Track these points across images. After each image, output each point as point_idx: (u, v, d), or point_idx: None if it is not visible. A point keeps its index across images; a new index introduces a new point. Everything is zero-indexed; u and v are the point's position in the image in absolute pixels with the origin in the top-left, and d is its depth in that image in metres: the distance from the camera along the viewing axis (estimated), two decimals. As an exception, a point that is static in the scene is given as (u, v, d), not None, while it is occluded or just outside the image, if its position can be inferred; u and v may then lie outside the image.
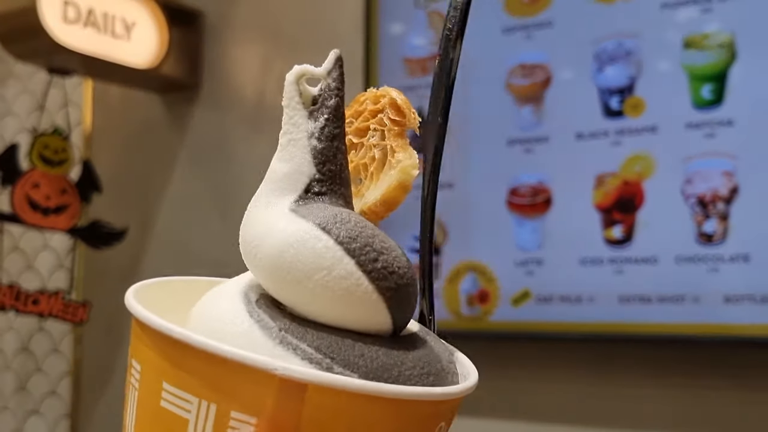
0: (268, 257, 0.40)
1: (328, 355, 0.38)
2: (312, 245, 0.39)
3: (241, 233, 0.42)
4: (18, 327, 2.52)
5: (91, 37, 2.05)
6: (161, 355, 0.39)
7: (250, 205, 0.43)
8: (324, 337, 0.38)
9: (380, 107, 0.48)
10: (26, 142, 2.18)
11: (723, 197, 1.56)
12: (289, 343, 0.38)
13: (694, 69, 1.61)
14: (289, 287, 0.40)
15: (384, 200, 0.44)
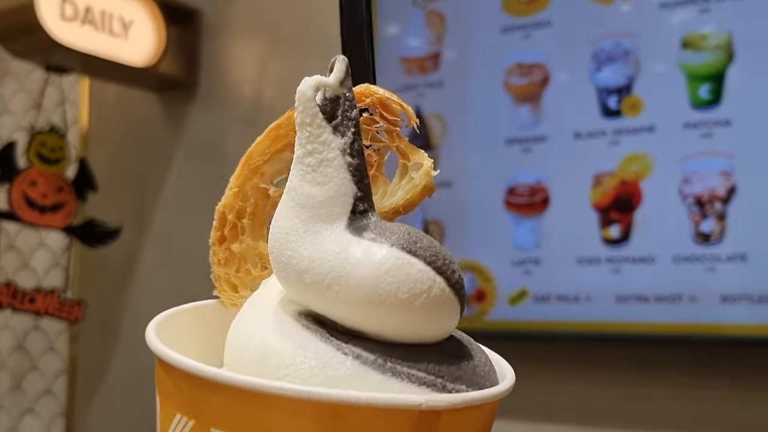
0: (359, 289, 0.37)
1: (438, 375, 0.38)
2: (407, 271, 0.38)
3: (284, 272, 0.39)
4: (13, 325, 2.51)
5: (89, 35, 2.04)
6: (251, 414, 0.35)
7: (282, 239, 0.39)
8: (421, 357, 0.38)
9: (365, 106, 0.45)
10: (23, 140, 2.18)
11: (720, 197, 1.57)
12: (400, 373, 0.37)
13: (691, 69, 1.61)
14: (381, 315, 0.38)
15: (407, 204, 0.45)
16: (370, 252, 0.38)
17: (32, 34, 1.95)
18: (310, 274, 0.38)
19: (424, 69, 1.87)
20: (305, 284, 0.38)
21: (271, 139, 0.45)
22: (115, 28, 2.11)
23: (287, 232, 0.39)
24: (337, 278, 0.38)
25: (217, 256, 0.46)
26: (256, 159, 0.46)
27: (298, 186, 0.40)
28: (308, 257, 0.38)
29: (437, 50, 1.87)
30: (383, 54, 1.92)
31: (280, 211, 0.40)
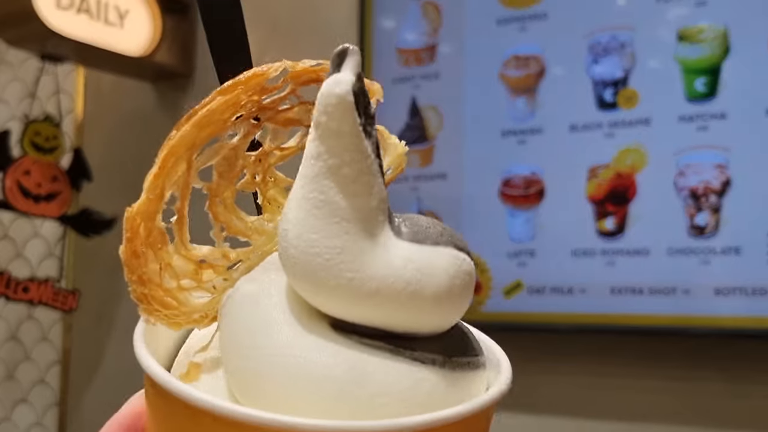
0: (437, 297, 0.37)
1: (481, 353, 0.41)
2: (465, 268, 0.38)
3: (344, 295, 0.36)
4: (6, 315, 2.51)
5: (84, 24, 2.04)
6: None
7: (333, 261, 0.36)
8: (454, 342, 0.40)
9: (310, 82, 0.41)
10: (17, 129, 2.17)
11: (715, 190, 1.57)
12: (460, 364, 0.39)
13: (687, 62, 1.61)
14: (448, 314, 0.38)
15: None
16: (435, 256, 0.37)
17: (27, 22, 1.94)
18: (385, 292, 0.36)
19: (420, 61, 1.87)
20: (374, 303, 0.36)
21: (199, 127, 0.39)
22: (110, 17, 2.10)
23: (339, 253, 0.36)
24: (416, 291, 0.36)
25: (135, 273, 0.39)
26: (182, 153, 0.40)
27: (338, 200, 0.36)
28: (378, 276, 0.36)
29: (433, 42, 1.87)
30: (379, 45, 1.92)
31: (317, 230, 0.36)
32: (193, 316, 0.40)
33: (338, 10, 2.02)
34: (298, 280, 0.37)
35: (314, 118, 0.36)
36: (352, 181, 0.36)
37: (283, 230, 0.37)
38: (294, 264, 0.36)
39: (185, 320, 0.40)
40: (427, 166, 1.83)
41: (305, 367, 0.35)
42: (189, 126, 0.39)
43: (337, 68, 0.36)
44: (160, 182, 0.40)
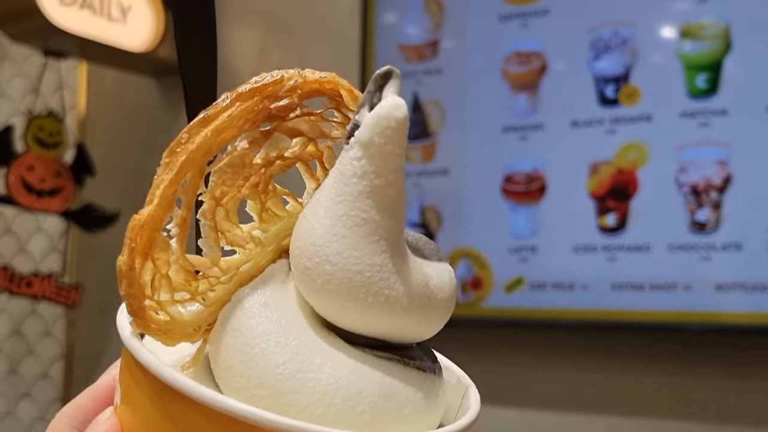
0: (443, 310, 0.39)
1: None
2: (455, 281, 0.41)
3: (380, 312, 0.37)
4: (10, 310, 2.51)
5: (87, 19, 2.04)
6: None
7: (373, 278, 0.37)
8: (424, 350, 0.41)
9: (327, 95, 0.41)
10: (21, 124, 2.18)
11: (716, 186, 1.57)
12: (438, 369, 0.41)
13: (689, 58, 1.62)
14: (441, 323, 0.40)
15: None
16: (441, 272, 0.39)
17: (31, 17, 1.95)
18: (414, 307, 0.37)
19: (422, 56, 1.88)
20: (403, 318, 0.37)
21: (217, 133, 0.39)
22: (113, 12, 2.11)
23: (378, 270, 0.37)
24: (434, 305, 0.38)
25: (133, 286, 0.38)
26: (198, 159, 0.39)
27: (379, 219, 0.36)
28: (410, 293, 0.37)
29: (436, 38, 1.87)
30: (381, 41, 1.93)
31: (359, 248, 0.37)
32: (187, 330, 0.39)
33: (340, 6, 2.03)
34: (329, 295, 0.37)
35: (363, 138, 0.36)
36: (393, 201, 0.37)
37: (314, 245, 0.37)
38: (329, 280, 0.36)
39: (180, 335, 0.39)
40: (429, 161, 1.83)
41: (338, 385, 0.36)
42: (209, 132, 0.38)
43: (379, 89, 0.37)
44: (171, 190, 0.38)
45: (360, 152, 0.36)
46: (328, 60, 2.01)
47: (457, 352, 1.88)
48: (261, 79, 0.39)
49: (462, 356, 1.94)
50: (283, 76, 0.39)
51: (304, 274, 0.37)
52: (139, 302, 0.37)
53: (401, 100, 0.36)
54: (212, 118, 0.38)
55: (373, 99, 0.37)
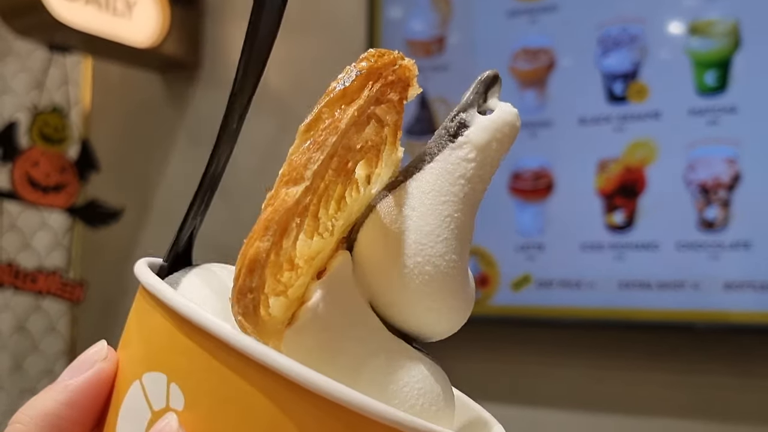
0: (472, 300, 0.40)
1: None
2: None
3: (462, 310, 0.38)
4: (14, 306, 2.51)
5: (92, 14, 2.03)
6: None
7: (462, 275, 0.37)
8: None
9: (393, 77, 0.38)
10: (26, 120, 2.17)
11: (725, 184, 1.56)
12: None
13: (698, 55, 1.60)
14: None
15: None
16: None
17: (35, 12, 1.94)
18: (469, 310, 0.38)
19: (429, 52, 1.87)
20: (462, 321, 0.38)
21: (361, 112, 0.36)
22: (118, 7, 2.10)
23: (466, 275, 0.37)
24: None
25: (261, 279, 0.33)
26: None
27: (470, 223, 0.37)
28: (471, 293, 0.38)
29: (443, 34, 1.86)
30: (388, 36, 1.92)
31: (458, 252, 0.36)
32: (278, 327, 0.35)
33: (347, 1, 2.02)
34: (422, 296, 0.36)
35: (480, 141, 0.36)
36: (477, 206, 0.37)
37: (417, 244, 0.36)
38: (428, 281, 0.36)
39: (274, 334, 0.35)
40: (436, 158, 1.82)
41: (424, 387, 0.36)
42: (356, 111, 0.35)
43: (484, 94, 0.37)
44: (326, 171, 0.34)
45: (473, 154, 0.36)
46: (335, 55, 2.00)
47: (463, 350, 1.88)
48: (381, 57, 0.37)
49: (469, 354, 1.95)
50: (395, 56, 0.37)
51: (400, 273, 0.36)
52: (257, 299, 0.33)
53: (515, 109, 0.36)
54: (351, 95, 0.35)
55: (479, 101, 0.37)
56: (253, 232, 0.33)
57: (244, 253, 0.33)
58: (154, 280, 0.36)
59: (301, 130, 0.35)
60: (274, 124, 2.03)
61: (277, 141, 2.07)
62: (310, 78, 2.02)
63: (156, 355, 0.35)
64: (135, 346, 0.37)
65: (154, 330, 0.35)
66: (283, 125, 2.06)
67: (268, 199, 0.34)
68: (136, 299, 0.38)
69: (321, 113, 0.35)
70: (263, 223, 0.33)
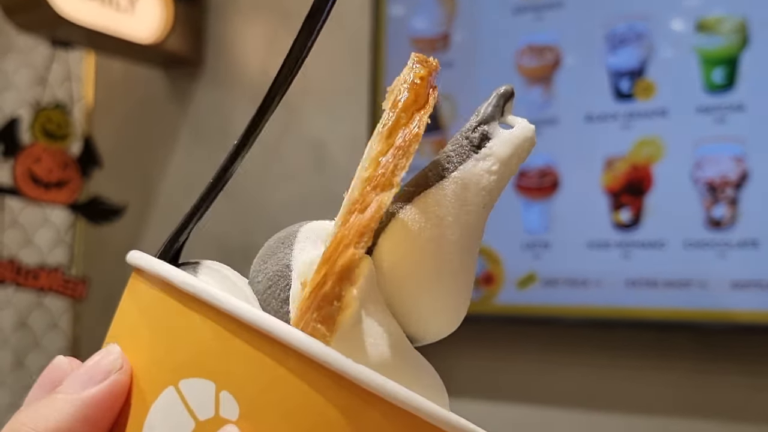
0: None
1: None
2: None
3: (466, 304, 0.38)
4: (16, 302, 2.51)
5: (95, 10, 2.02)
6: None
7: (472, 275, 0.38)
8: None
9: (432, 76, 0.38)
10: (28, 115, 2.16)
11: (732, 182, 1.55)
12: None
13: (705, 52, 1.59)
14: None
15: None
16: None
17: (38, 7, 1.93)
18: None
19: (433, 49, 1.86)
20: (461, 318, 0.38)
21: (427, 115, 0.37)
22: (121, 3, 2.09)
23: (473, 279, 0.38)
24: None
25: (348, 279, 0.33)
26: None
27: (482, 234, 0.38)
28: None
29: (447, 31, 1.85)
30: (392, 33, 1.91)
31: (473, 260, 0.38)
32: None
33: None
34: (443, 304, 0.36)
35: (504, 154, 0.37)
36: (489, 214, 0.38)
37: (445, 254, 0.36)
38: (450, 291, 0.36)
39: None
40: (441, 156, 1.82)
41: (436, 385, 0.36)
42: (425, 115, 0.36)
43: (502, 108, 0.38)
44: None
45: (496, 167, 0.37)
46: (339, 52, 1.99)
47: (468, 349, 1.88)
48: (428, 63, 0.37)
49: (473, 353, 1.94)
50: (435, 63, 0.37)
51: (425, 281, 0.36)
52: (340, 308, 0.32)
53: (533, 126, 0.38)
54: (420, 101, 0.36)
55: (497, 115, 0.38)
56: (344, 237, 0.32)
57: (330, 259, 0.32)
58: (192, 280, 0.34)
59: (383, 133, 0.35)
60: (278, 123, 2.02)
61: (281, 140, 2.06)
62: (313, 76, 2.01)
63: (198, 361, 0.33)
64: (160, 350, 0.34)
65: (194, 333, 0.33)
66: (286, 124, 2.05)
67: (353, 203, 0.33)
68: (147, 296, 0.36)
69: (400, 118, 0.35)
70: (359, 229, 0.32)
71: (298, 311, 0.32)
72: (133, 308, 0.37)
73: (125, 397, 0.35)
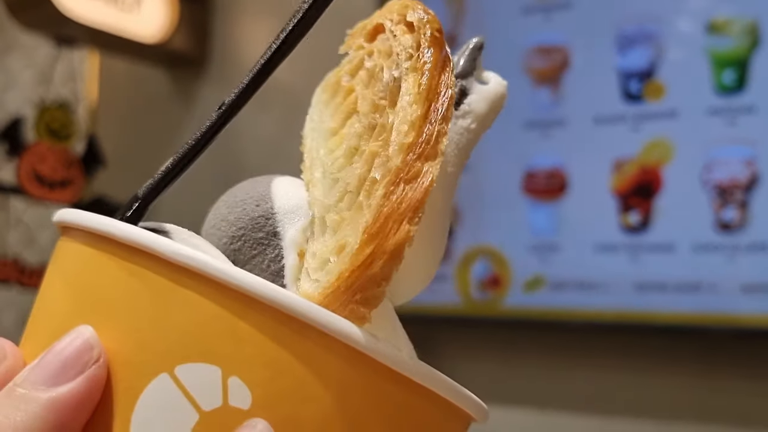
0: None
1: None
2: None
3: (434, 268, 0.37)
4: (19, 302, 2.50)
5: (100, 8, 2.02)
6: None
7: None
8: None
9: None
10: (32, 115, 2.16)
11: (742, 185, 1.54)
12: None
13: (716, 54, 1.58)
14: None
15: None
16: None
17: (42, 5, 1.93)
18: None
19: (441, 49, 1.84)
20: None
21: None
22: (126, 1, 2.08)
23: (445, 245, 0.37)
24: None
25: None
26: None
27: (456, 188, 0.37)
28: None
29: (456, 31, 1.84)
30: (399, 33, 1.90)
31: (449, 219, 0.36)
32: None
33: (358, -2, 2.00)
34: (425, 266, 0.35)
35: (481, 111, 0.36)
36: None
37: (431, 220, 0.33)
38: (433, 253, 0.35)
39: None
40: (448, 157, 1.81)
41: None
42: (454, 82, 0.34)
43: (474, 62, 0.36)
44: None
45: (474, 125, 0.36)
46: (345, 52, 1.98)
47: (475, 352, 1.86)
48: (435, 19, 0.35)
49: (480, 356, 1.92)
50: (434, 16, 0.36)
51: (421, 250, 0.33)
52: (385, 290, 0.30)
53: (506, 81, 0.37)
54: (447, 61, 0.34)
55: (473, 69, 0.36)
56: (394, 212, 0.29)
57: (380, 234, 0.29)
58: (187, 250, 0.30)
59: (422, 95, 0.32)
60: (282, 119, 2.01)
61: (284, 136, 2.05)
62: (318, 73, 1.99)
63: (198, 343, 0.28)
64: (147, 331, 0.29)
65: (191, 312, 0.29)
66: (290, 120, 2.04)
67: (397, 173, 0.30)
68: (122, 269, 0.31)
69: (433, 77, 0.32)
70: (413, 203, 0.30)
71: (330, 292, 0.29)
72: (102, 281, 0.31)
73: (102, 389, 0.29)
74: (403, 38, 0.34)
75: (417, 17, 0.34)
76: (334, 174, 0.33)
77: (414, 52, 0.33)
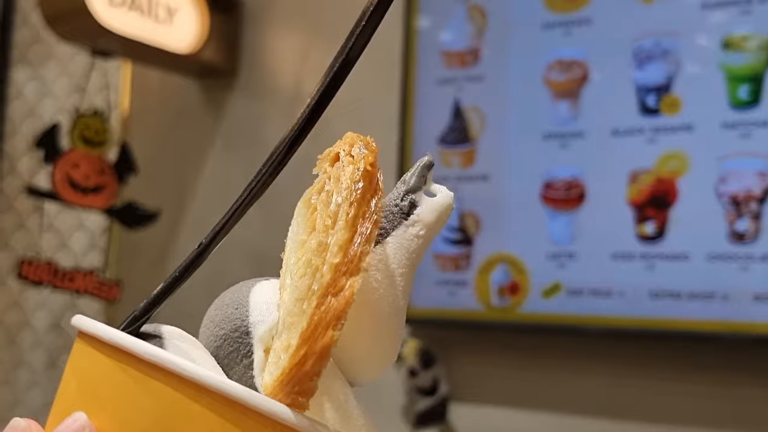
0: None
1: None
2: None
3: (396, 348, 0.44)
4: (51, 303, 2.56)
5: (135, 21, 2.08)
6: None
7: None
8: None
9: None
10: (67, 122, 2.22)
11: (756, 197, 1.58)
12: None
13: (731, 69, 1.62)
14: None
15: None
16: None
17: (80, 18, 1.98)
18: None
19: (464, 63, 1.89)
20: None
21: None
22: (160, 14, 2.14)
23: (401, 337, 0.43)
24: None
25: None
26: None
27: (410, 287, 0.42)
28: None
29: (477, 45, 1.89)
30: (423, 47, 1.95)
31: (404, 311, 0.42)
32: None
33: (383, 12, 2.04)
34: (383, 353, 0.42)
35: (429, 220, 0.42)
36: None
37: (385, 314, 0.41)
38: (391, 343, 0.42)
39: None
40: (469, 167, 1.85)
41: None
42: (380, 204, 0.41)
43: (425, 178, 0.43)
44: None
45: (423, 231, 0.41)
46: (369, 65, 2.02)
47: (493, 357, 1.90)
48: (371, 146, 0.43)
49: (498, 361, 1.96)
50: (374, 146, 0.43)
51: (371, 336, 0.41)
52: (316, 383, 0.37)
53: (452, 192, 0.43)
54: (375, 186, 0.41)
55: (422, 184, 0.43)
56: (322, 320, 0.36)
57: (311, 338, 0.36)
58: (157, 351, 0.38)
59: (349, 222, 0.38)
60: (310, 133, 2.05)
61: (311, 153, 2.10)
62: (344, 88, 2.04)
63: (163, 422, 0.37)
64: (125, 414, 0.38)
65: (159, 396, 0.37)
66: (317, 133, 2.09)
67: (326, 287, 0.37)
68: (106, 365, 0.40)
69: (361, 206, 0.39)
70: (336, 313, 0.36)
71: (277, 384, 0.36)
72: (96, 375, 0.40)
73: None
74: (347, 168, 0.40)
75: (356, 151, 0.42)
76: (295, 281, 0.38)
77: (350, 183, 0.39)
